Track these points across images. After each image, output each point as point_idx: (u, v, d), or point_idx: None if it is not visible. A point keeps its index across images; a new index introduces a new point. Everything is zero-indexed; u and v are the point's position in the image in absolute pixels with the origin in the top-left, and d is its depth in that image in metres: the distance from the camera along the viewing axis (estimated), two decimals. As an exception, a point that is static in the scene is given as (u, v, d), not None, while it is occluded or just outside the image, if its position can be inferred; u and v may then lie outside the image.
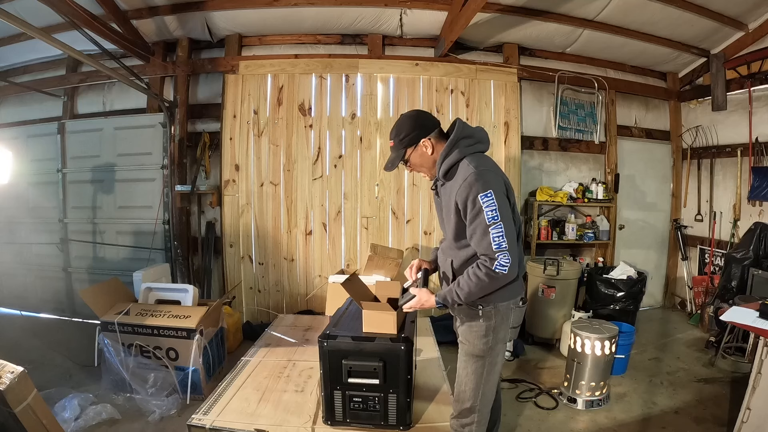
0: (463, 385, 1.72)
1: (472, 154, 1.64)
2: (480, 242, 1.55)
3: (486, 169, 1.58)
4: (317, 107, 4.14)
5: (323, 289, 4.02)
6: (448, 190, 1.66)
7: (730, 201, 4.29)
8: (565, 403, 2.84)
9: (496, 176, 1.61)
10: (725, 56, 4.22)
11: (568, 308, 3.73)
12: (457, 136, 1.65)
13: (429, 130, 1.70)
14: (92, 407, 2.54)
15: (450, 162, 1.64)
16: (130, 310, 2.87)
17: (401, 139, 1.70)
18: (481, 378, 1.69)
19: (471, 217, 1.56)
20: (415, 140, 1.69)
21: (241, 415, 2.09)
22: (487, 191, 1.51)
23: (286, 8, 3.78)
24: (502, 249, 1.51)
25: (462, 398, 1.73)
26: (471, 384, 1.70)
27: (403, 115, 1.75)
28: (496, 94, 4.22)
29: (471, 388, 1.70)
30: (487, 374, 1.70)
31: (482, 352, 1.68)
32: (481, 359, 1.69)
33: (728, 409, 2.70)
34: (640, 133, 4.75)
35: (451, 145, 1.65)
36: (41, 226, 4.47)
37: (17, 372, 1.56)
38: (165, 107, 4.03)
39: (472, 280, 1.57)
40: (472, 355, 1.70)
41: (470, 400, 1.71)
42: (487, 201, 1.51)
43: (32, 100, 4.59)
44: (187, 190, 4.07)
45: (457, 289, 1.61)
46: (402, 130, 1.70)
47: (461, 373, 1.74)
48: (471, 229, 1.58)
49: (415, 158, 1.72)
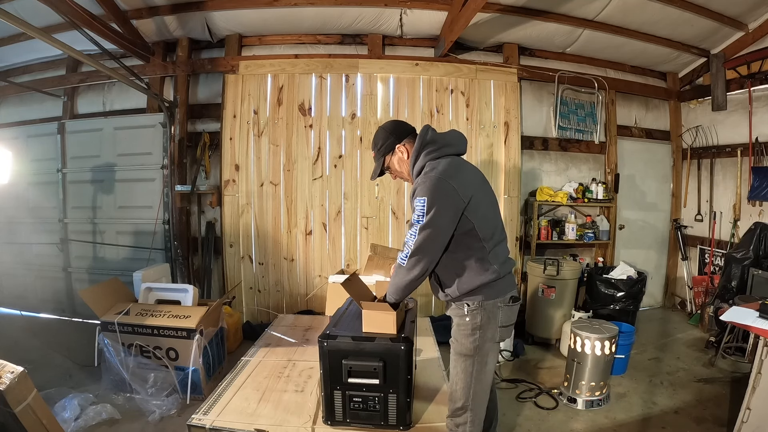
0: (455, 385, 1.74)
1: (435, 159, 1.72)
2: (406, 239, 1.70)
3: (433, 177, 1.62)
4: (317, 107, 4.14)
5: (323, 289, 4.02)
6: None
7: (730, 201, 4.29)
8: (565, 403, 2.84)
9: (443, 181, 1.61)
10: (725, 56, 4.22)
11: (568, 308, 3.73)
12: (420, 144, 1.75)
13: (402, 137, 1.83)
14: (92, 407, 2.54)
15: (417, 168, 1.76)
16: (130, 310, 2.87)
17: (379, 148, 1.85)
18: (471, 377, 1.70)
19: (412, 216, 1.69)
20: (390, 147, 1.83)
21: (241, 415, 2.09)
22: (423, 196, 1.61)
23: (286, 8, 3.78)
24: (408, 247, 1.65)
25: (454, 397, 1.75)
26: (461, 383, 1.72)
27: (381, 126, 1.88)
28: (496, 94, 4.22)
29: (461, 387, 1.72)
30: (477, 373, 1.70)
31: (470, 351, 1.70)
32: (469, 358, 1.70)
33: (728, 409, 2.70)
34: (640, 133, 4.75)
35: (416, 152, 1.76)
36: (41, 226, 4.47)
37: (17, 372, 1.56)
38: (165, 107, 4.03)
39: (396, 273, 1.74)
40: (461, 354, 1.72)
41: (461, 399, 1.72)
42: (419, 205, 1.61)
43: (32, 100, 4.59)
44: (187, 190, 4.07)
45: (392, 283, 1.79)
46: (379, 140, 1.85)
47: (452, 372, 1.77)
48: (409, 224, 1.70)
49: (395, 164, 1.86)
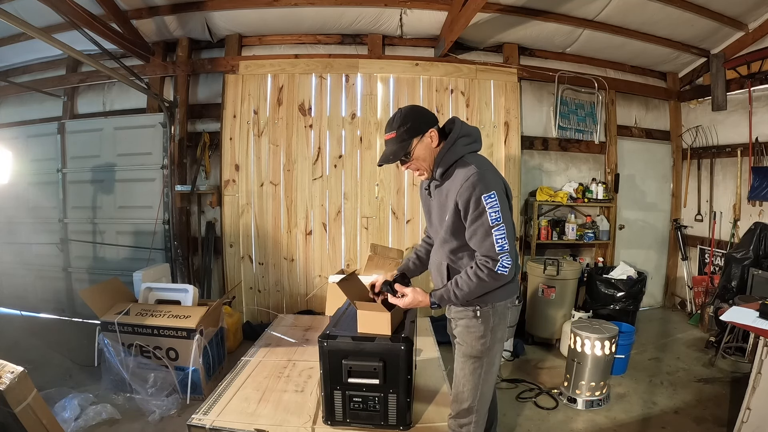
0: (461, 386, 1.71)
1: (469, 153, 1.62)
2: (482, 243, 1.53)
3: (487, 170, 1.57)
4: (317, 107, 4.14)
5: (323, 289, 4.02)
6: (445, 190, 1.63)
7: (730, 201, 4.29)
8: (565, 403, 2.84)
9: (496, 177, 1.59)
10: (725, 56, 4.22)
11: (568, 308, 3.73)
12: (457, 134, 1.62)
13: (434, 123, 1.64)
14: (92, 407, 2.54)
15: (448, 161, 1.60)
16: (130, 310, 2.87)
17: (408, 127, 1.60)
18: (480, 378, 1.68)
19: (473, 218, 1.53)
20: (423, 129, 1.61)
21: (241, 415, 2.09)
22: (491, 192, 1.50)
23: (286, 8, 3.78)
24: (504, 251, 1.51)
25: (460, 398, 1.71)
26: (469, 384, 1.69)
27: (405, 107, 1.66)
28: (496, 94, 4.22)
29: (469, 389, 1.69)
30: (485, 374, 1.69)
31: (480, 353, 1.67)
32: (478, 360, 1.67)
33: (728, 409, 2.70)
34: (640, 133, 4.75)
35: (451, 143, 1.61)
36: (41, 226, 4.47)
37: (17, 372, 1.56)
38: (165, 107, 4.03)
39: (472, 281, 1.55)
40: (470, 356, 1.68)
41: (468, 400, 1.70)
42: (490, 202, 1.49)
43: (32, 100, 4.59)
44: (187, 190, 4.07)
45: (455, 289, 1.59)
46: (408, 120, 1.60)
47: (458, 374, 1.72)
48: (471, 230, 1.55)
49: (420, 150, 1.62)
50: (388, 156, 1.65)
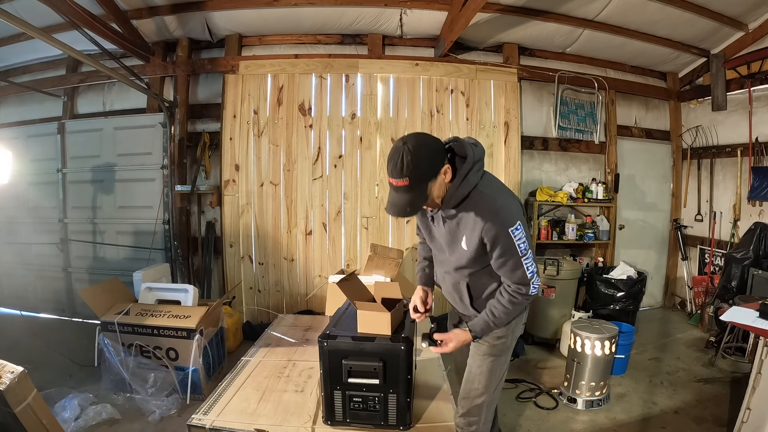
0: (476, 383, 1.72)
1: (481, 178, 1.52)
2: (513, 274, 1.53)
3: (507, 198, 1.53)
4: (317, 107, 4.14)
5: (323, 289, 4.02)
6: (460, 221, 1.55)
7: (730, 201, 4.29)
8: (565, 403, 2.84)
9: (514, 201, 1.57)
10: (725, 56, 4.22)
11: (568, 308, 3.73)
12: (470, 165, 1.47)
13: (445, 155, 1.46)
14: (92, 407, 2.54)
15: (462, 194, 1.48)
16: (130, 310, 2.87)
17: (422, 173, 1.39)
18: (495, 375, 1.71)
19: (501, 252, 1.50)
20: (437, 169, 1.43)
21: (241, 415, 2.09)
22: (516, 224, 1.47)
23: (286, 8, 3.78)
24: (534, 274, 1.53)
25: (473, 395, 1.73)
26: (484, 381, 1.71)
27: (410, 143, 1.39)
28: (496, 94, 4.22)
29: (484, 385, 1.71)
30: (500, 371, 1.73)
31: (500, 351, 1.70)
32: (497, 357, 1.71)
33: (728, 409, 2.70)
34: (640, 133, 4.75)
35: (464, 175, 1.47)
36: (41, 226, 4.47)
37: (17, 372, 1.56)
38: (165, 107, 4.03)
39: (509, 309, 1.57)
40: (489, 354, 1.70)
41: (481, 397, 1.72)
42: (518, 234, 1.47)
43: (32, 100, 4.59)
44: (187, 190, 4.07)
45: (494, 320, 1.61)
46: (420, 163, 1.38)
47: (474, 371, 1.73)
48: (500, 261, 1.52)
49: (435, 191, 1.46)
50: (404, 208, 1.44)
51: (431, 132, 4.10)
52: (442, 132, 4.16)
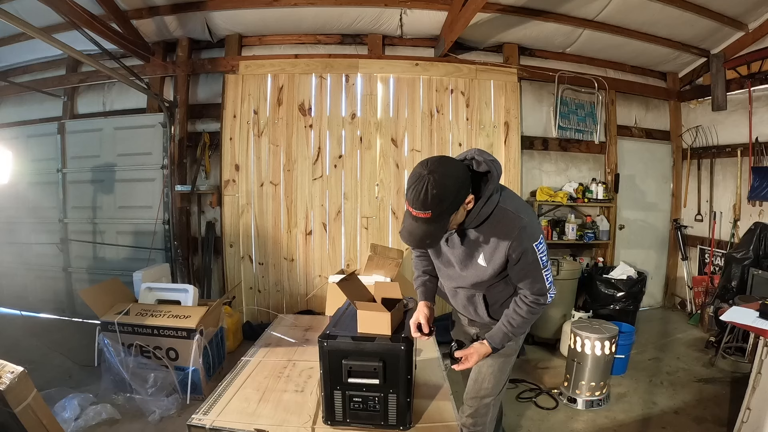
0: (486, 383, 1.75)
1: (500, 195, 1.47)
2: (533, 285, 1.54)
3: (529, 213, 1.51)
4: (317, 107, 4.14)
5: (323, 289, 4.01)
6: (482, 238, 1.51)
7: (730, 201, 4.29)
8: (565, 403, 2.84)
9: (534, 214, 1.57)
10: (725, 56, 4.22)
11: (568, 308, 3.73)
12: (495, 184, 1.42)
13: (469, 184, 1.37)
14: (92, 407, 2.54)
15: (486, 212, 1.44)
16: (130, 310, 2.87)
17: (448, 206, 1.31)
18: (504, 375, 1.77)
19: (524, 265, 1.50)
20: (461, 202, 1.35)
21: (241, 415, 2.08)
22: (539, 239, 1.49)
23: (286, 8, 3.78)
24: (552, 284, 1.56)
25: (482, 394, 1.76)
26: (494, 381, 1.75)
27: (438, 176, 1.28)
28: (496, 94, 4.22)
29: (494, 385, 1.75)
30: (509, 371, 1.79)
31: (512, 351, 1.76)
32: (508, 357, 1.75)
33: (728, 409, 2.70)
34: (640, 133, 4.75)
35: (487, 198, 1.41)
36: (41, 226, 4.47)
37: (17, 372, 1.56)
38: (165, 107, 4.03)
39: (527, 318, 1.59)
40: (501, 354, 1.72)
41: (490, 396, 1.76)
42: (540, 248, 1.49)
43: (32, 100, 4.59)
44: (187, 190, 4.07)
45: (512, 330, 1.62)
46: (446, 196, 1.29)
47: (485, 371, 1.75)
48: (522, 273, 1.53)
49: (455, 220, 1.41)
50: (423, 240, 1.38)
51: (431, 132, 4.15)
52: (442, 132, 4.16)
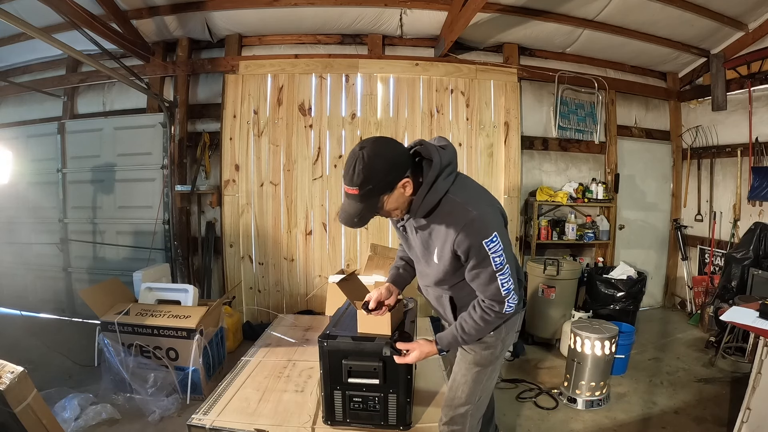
0: (459, 392, 1.65)
1: (452, 183, 1.38)
2: (486, 288, 1.43)
3: (483, 206, 1.38)
4: (317, 107, 4.14)
5: (323, 289, 4.01)
6: (431, 231, 1.45)
7: (730, 201, 4.29)
8: (565, 403, 2.84)
9: (492, 209, 1.43)
10: (725, 56, 4.22)
11: (568, 308, 3.73)
12: (437, 172, 1.35)
13: (405, 167, 1.34)
14: (92, 407, 2.54)
15: (430, 203, 1.37)
16: (130, 310, 2.87)
17: (375, 185, 1.29)
18: (480, 385, 1.64)
19: (474, 264, 1.40)
20: (393, 183, 1.32)
21: (241, 415, 2.08)
22: (492, 235, 1.33)
23: (286, 8, 3.78)
24: (509, 292, 1.42)
25: (455, 404, 1.66)
26: (467, 391, 1.63)
27: (367, 149, 1.28)
28: (496, 94, 4.22)
29: (467, 395, 1.63)
30: (487, 381, 1.65)
31: (487, 362, 1.62)
32: (484, 368, 1.63)
33: (728, 409, 2.70)
34: (640, 133, 4.75)
35: (430, 184, 1.35)
36: (41, 226, 4.47)
37: (17, 372, 1.56)
38: (165, 107, 4.03)
39: (480, 325, 1.48)
40: (476, 364, 1.62)
41: (465, 406, 1.64)
42: (493, 246, 1.34)
43: (32, 100, 4.59)
44: (187, 190, 4.07)
45: (462, 335, 1.53)
46: (372, 177, 1.28)
47: (459, 380, 1.65)
48: (473, 273, 1.42)
49: (392, 203, 1.37)
50: (352, 218, 1.35)
51: (431, 132, 4.15)
52: (443, 132, 4.16)
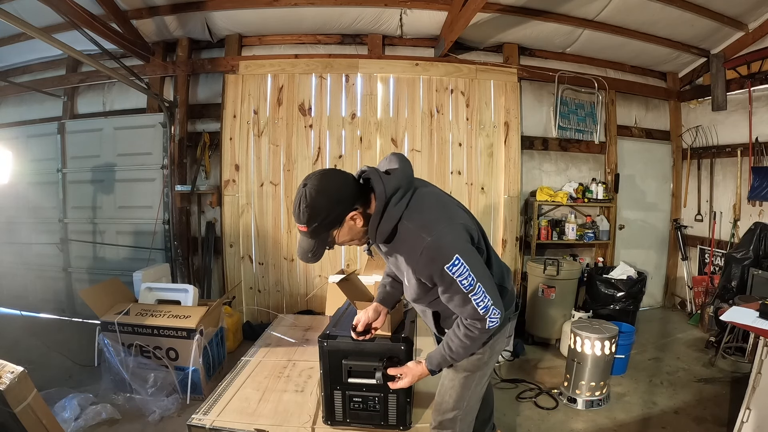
0: (447, 397, 1.62)
1: (406, 207, 1.34)
2: (463, 309, 1.38)
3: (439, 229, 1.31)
4: (317, 107, 4.14)
5: (323, 289, 4.01)
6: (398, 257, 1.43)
7: (730, 201, 4.29)
8: (565, 403, 2.84)
9: (450, 226, 1.34)
10: (725, 56, 4.22)
11: (568, 308, 3.73)
12: (384, 200, 1.32)
13: (353, 200, 1.32)
14: (92, 407, 2.54)
15: (385, 231, 1.34)
16: (130, 310, 2.87)
17: (320, 222, 1.29)
18: (468, 390, 1.60)
19: (444, 289, 1.36)
20: (340, 218, 1.32)
21: (241, 415, 2.09)
22: (452, 259, 1.27)
23: (286, 8, 3.78)
24: (488, 309, 1.36)
25: (443, 409, 1.63)
26: (455, 396, 1.61)
27: (309, 190, 1.27)
28: (496, 94, 4.22)
29: (455, 400, 1.61)
30: (476, 386, 1.61)
31: (475, 367, 1.58)
32: (472, 374, 1.59)
33: (728, 409, 2.70)
34: (640, 133, 4.75)
35: (380, 213, 1.33)
36: (41, 226, 4.47)
37: (17, 372, 1.56)
38: (165, 107, 4.03)
39: (466, 342, 1.45)
40: (464, 369, 1.58)
41: (453, 411, 1.61)
42: (456, 270, 1.28)
43: (32, 100, 4.59)
44: (187, 190, 4.07)
45: (450, 354, 1.50)
46: (317, 212, 1.27)
47: (447, 384, 1.62)
48: (446, 296, 1.39)
49: (344, 236, 1.37)
50: (306, 253, 1.35)
51: (431, 132, 4.14)
52: (442, 132, 4.16)
